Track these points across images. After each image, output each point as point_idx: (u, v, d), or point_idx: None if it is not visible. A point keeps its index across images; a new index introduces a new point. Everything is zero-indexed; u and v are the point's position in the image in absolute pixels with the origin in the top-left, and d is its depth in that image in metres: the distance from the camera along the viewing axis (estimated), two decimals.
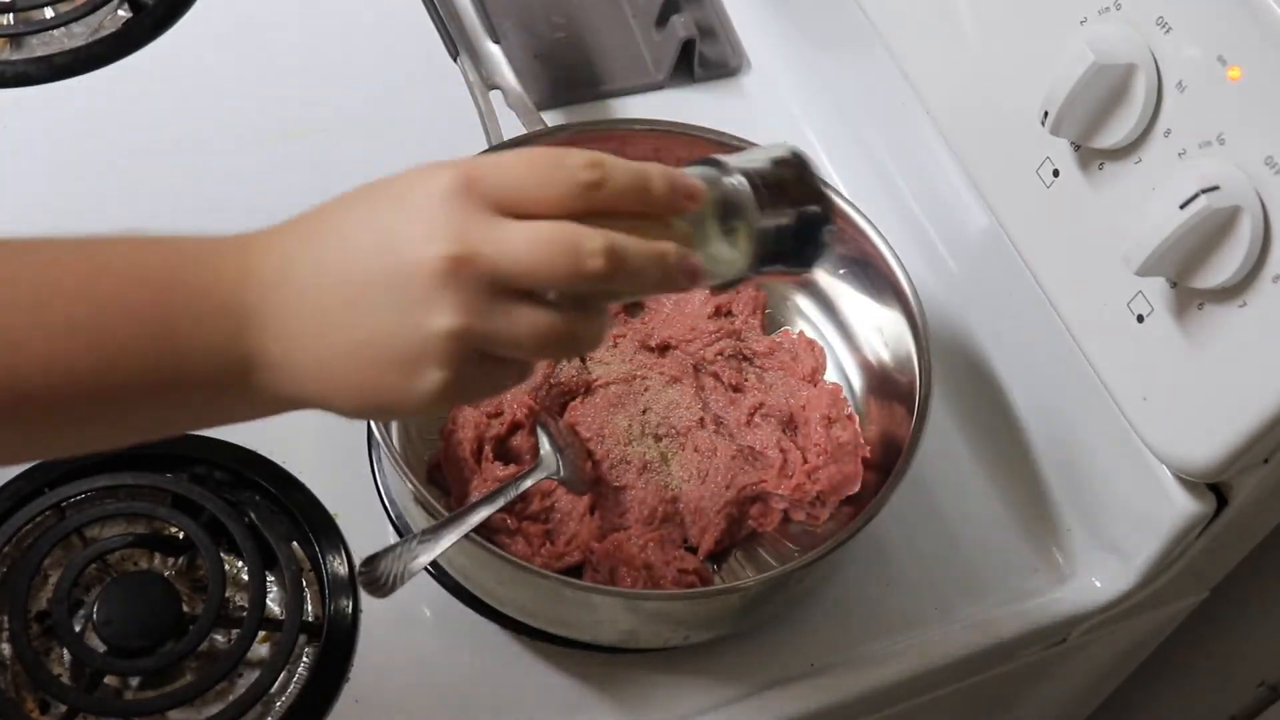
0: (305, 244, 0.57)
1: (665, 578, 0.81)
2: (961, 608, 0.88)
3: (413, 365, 0.55)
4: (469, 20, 1.00)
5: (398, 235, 0.55)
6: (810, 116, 1.07)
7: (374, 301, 0.54)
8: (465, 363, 0.55)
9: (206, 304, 0.55)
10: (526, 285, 0.55)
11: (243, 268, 0.56)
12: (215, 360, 0.55)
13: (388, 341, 0.55)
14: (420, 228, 0.54)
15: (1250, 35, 0.66)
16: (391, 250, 0.54)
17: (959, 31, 0.83)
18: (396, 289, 0.54)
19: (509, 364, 0.58)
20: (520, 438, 0.85)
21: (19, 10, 1.05)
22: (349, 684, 0.81)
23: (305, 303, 0.56)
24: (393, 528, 0.86)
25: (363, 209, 0.57)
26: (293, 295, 0.56)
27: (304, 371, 0.56)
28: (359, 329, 0.55)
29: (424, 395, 0.55)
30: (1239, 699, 1.11)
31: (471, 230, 0.54)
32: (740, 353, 0.91)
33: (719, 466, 0.85)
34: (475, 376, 0.56)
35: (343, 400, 0.57)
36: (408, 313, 0.54)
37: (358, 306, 0.55)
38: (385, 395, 0.56)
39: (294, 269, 0.56)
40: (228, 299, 0.55)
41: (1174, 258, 0.68)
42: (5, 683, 0.79)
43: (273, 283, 0.56)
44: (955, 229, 0.96)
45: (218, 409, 0.59)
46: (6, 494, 0.83)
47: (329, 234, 0.57)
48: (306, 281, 0.56)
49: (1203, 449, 0.73)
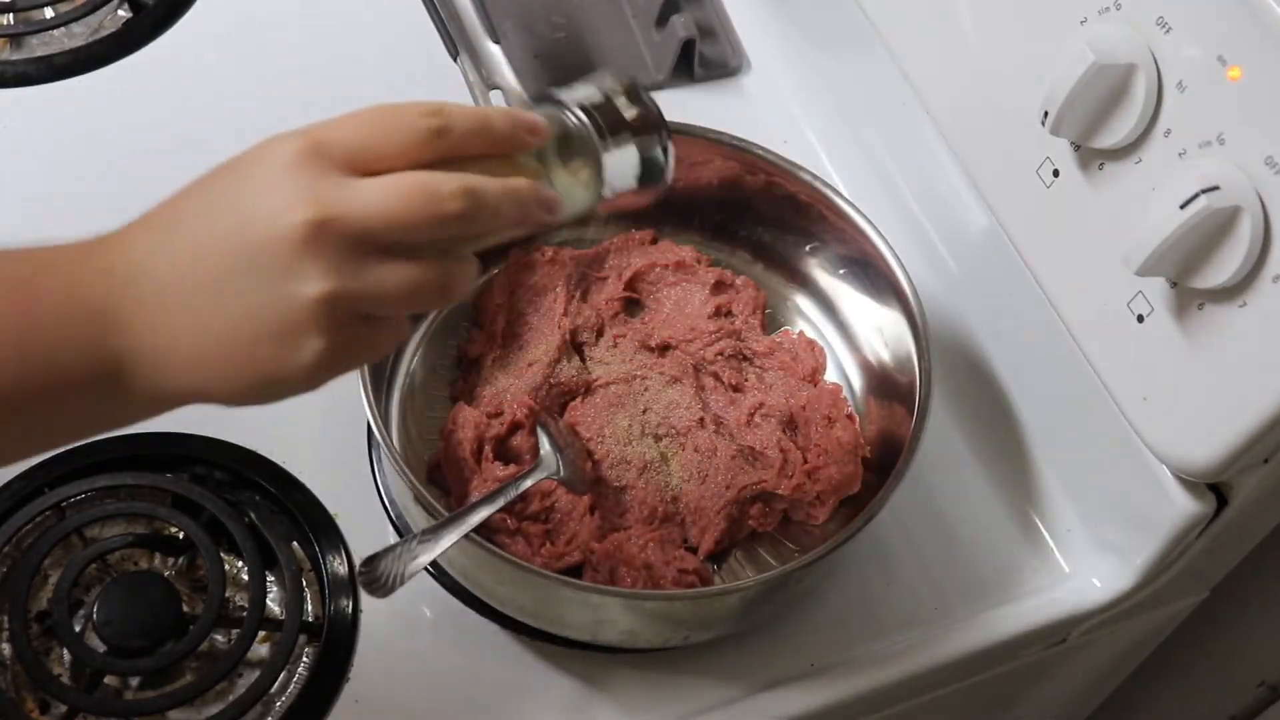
0: (161, 235, 0.56)
1: (665, 578, 0.81)
2: (961, 608, 0.88)
3: (289, 337, 0.54)
4: (469, 20, 1.00)
5: (253, 210, 0.54)
6: (810, 116, 1.07)
7: (239, 281, 0.54)
8: (341, 327, 0.55)
9: (69, 307, 0.55)
10: (389, 239, 0.55)
11: (101, 268, 0.55)
12: (85, 362, 0.55)
13: (260, 317, 0.54)
14: (274, 198, 0.54)
15: (1250, 35, 0.66)
16: (249, 225, 0.54)
17: (959, 31, 0.83)
18: (260, 264, 0.54)
19: (383, 323, 0.58)
20: (520, 438, 0.85)
21: (19, 10, 1.05)
22: (349, 684, 0.81)
23: (169, 293, 0.55)
24: (393, 528, 0.86)
25: (212, 191, 0.56)
26: (155, 287, 0.55)
27: (178, 363, 0.55)
28: (228, 310, 0.54)
29: (305, 366, 0.55)
30: (1239, 699, 1.11)
31: (326, 192, 0.54)
32: (740, 353, 0.91)
33: (719, 466, 0.85)
34: (352, 340, 0.56)
35: (222, 385, 0.56)
36: (276, 285, 0.54)
37: (223, 288, 0.54)
38: (265, 373, 0.55)
39: (152, 260, 0.55)
40: (89, 300, 0.55)
41: (1174, 258, 0.68)
42: (5, 683, 0.79)
43: (131, 277, 0.55)
44: (955, 229, 0.96)
45: (99, 414, 0.58)
46: (6, 494, 0.83)
47: (182, 221, 0.56)
48: (167, 272, 0.55)
49: (1203, 449, 0.73)
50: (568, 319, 0.90)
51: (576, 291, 0.92)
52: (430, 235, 0.56)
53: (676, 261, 0.93)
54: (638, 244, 0.95)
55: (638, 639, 0.82)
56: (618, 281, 0.93)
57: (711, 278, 0.93)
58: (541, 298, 0.91)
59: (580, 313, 0.91)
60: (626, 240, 0.94)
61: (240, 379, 0.56)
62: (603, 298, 0.93)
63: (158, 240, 0.56)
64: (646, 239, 0.95)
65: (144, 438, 0.86)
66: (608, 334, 0.91)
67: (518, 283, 0.92)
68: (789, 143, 0.99)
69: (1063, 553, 0.90)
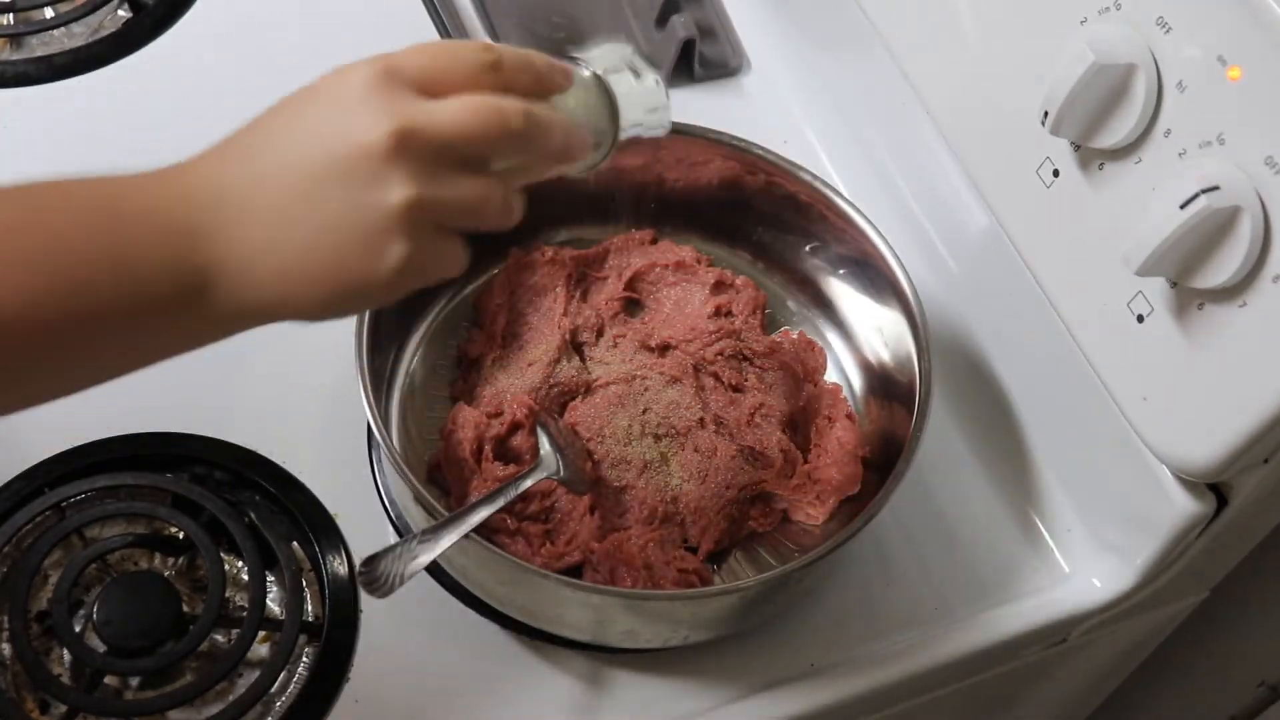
0: (239, 159, 0.59)
1: (665, 578, 0.81)
2: (961, 608, 0.88)
3: (375, 242, 0.58)
4: (469, 20, 1.00)
5: (336, 126, 0.58)
6: (810, 116, 1.07)
7: (325, 192, 0.57)
8: (420, 235, 0.58)
9: (155, 227, 0.57)
10: (465, 152, 0.59)
11: (180, 192, 0.58)
12: (171, 278, 0.57)
13: (345, 226, 0.57)
14: (358, 114, 0.58)
15: (1250, 35, 0.66)
16: (333, 140, 0.57)
17: (959, 31, 0.83)
18: (347, 174, 0.57)
19: (453, 239, 0.61)
20: (520, 438, 0.85)
21: (19, 10, 1.05)
22: (349, 684, 0.81)
23: (254, 209, 0.58)
24: (393, 528, 0.86)
25: (290, 115, 0.60)
26: (238, 205, 0.58)
27: (263, 275, 0.58)
28: (314, 221, 0.57)
29: (387, 272, 0.58)
30: (1239, 699, 1.11)
31: (407, 108, 0.58)
32: (740, 353, 0.91)
33: (719, 466, 0.85)
34: (429, 250, 0.59)
35: (305, 297, 0.59)
36: (362, 194, 0.57)
37: (309, 201, 0.57)
38: (348, 281, 0.58)
39: (233, 181, 0.58)
40: (173, 220, 0.57)
41: (1174, 258, 0.68)
42: (5, 683, 0.79)
43: (214, 199, 0.58)
44: (955, 229, 0.96)
45: (183, 332, 0.60)
46: (6, 494, 0.83)
47: (262, 145, 0.59)
48: (250, 190, 0.58)
49: (1203, 449, 0.73)
50: (568, 319, 0.90)
51: (576, 291, 0.92)
52: (498, 150, 0.61)
53: (676, 261, 0.93)
54: (638, 244, 0.95)
55: (638, 639, 0.82)
56: (618, 281, 0.93)
57: (711, 278, 0.93)
58: (541, 298, 0.91)
59: (580, 313, 0.91)
60: (626, 240, 0.95)
61: (323, 288, 0.59)
62: (603, 298, 0.93)
63: (237, 164, 0.59)
64: (646, 239, 0.95)
65: (144, 438, 0.86)
66: (608, 334, 0.91)
67: (518, 283, 0.92)
68: (789, 143, 0.99)
69: (1063, 553, 0.90)
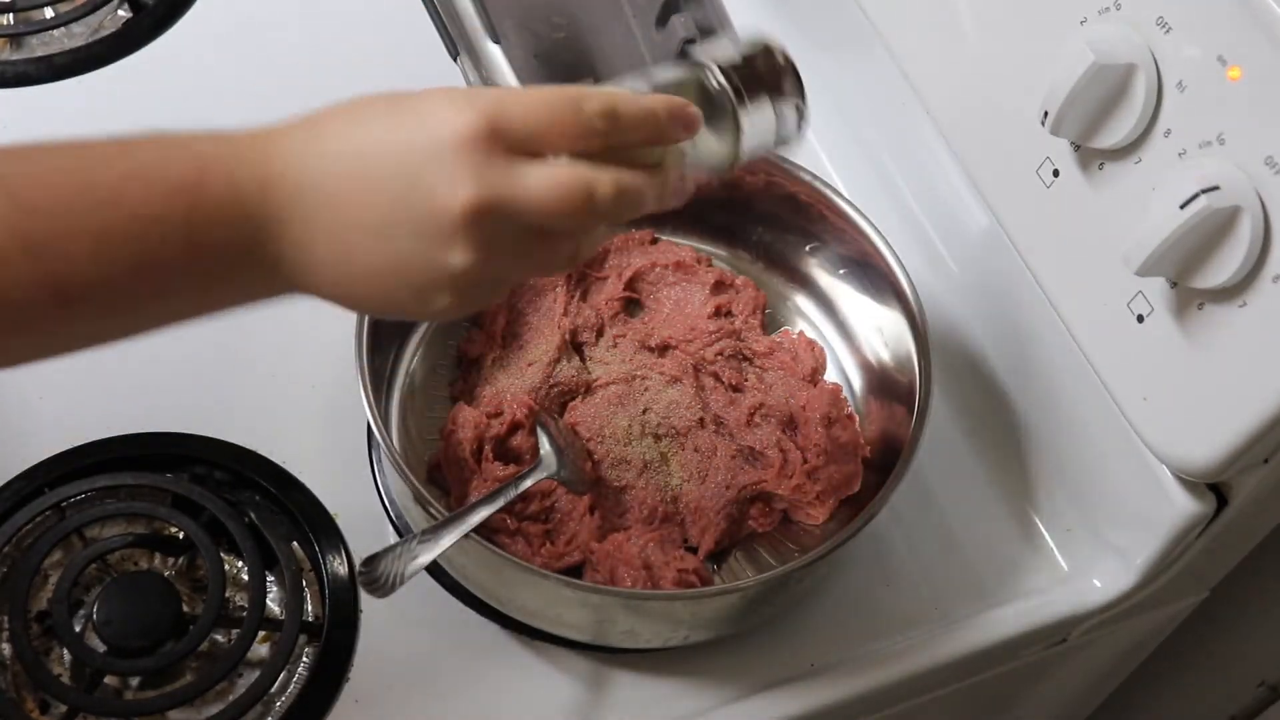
0: (320, 155, 0.60)
1: (665, 578, 0.81)
2: (961, 608, 0.88)
3: (428, 292, 0.61)
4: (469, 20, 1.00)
5: (423, 172, 0.59)
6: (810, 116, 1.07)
7: (395, 231, 0.59)
8: (474, 290, 0.61)
9: (231, 214, 0.58)
10: (541, 225, 0.60)
11: (263, 177, 0.59)
12: (242, 261, 0.59)
13: (407, 270, 0.60)
14: (447, 170, 0.58)
15: (1250, 35, 0.66)
16: (417, 186, 0.59)
17: (959, 31, 0.83)
18: (419, 224, 0.59)
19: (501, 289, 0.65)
20: (520, 438, 0.85)
21: (19, 10, 1.05)
22: (349, 684, 0.81)
23: (322, 222, 0.59)
24: (393, 528, 0.86)
25: (384, 130, 0.60)
26: (309, 213, 0.59)
27: (322, 278, 0.61)
28: (381, 255, 0.60)
29: (432, 314, 0.64)
30: (1239, 699, 1.11)
31: (496, 179, 0.59)
32: (740, 353, 0.91)
33: (719, 466, 0.85)
34: (475, 301, 0.63)
35: (354, 306, 0.65)
36: (429, 247, 0.59)
37: (378, 235, 0.59)
38: (395, 309, 0.63)
39: (312, 179, 0.59)
40: (247, 209, 0.59)
41: (1174, 258, 0.68)
42: (5, 683, 0.79)
43: (291, 196, 0.59)
44: (955, 229, 0.96)
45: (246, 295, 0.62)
46: (6, 494, 0.83)
47: (350, 155, 0.60)
48: (324, 198, 0.59)
49: (1203, 449, 0.73)
50: (568, 319, 0.90)
51: (576, 291, 0.92)
52: (578, 225, 0.62)
53: (676, 261, 0.93)
54: (637, 244, 0.95)
55: (638, 639, 0.82)
56: (618, 281, 0.93)
57: (711, 278, 0.93)
58: (541, 298, 0.91)
59: (580, 313, 0.91)
60: (626, 240, 0.95)
61: (371, 307, 0.66)
62: (603, 298, 0.93)
63: (317, 160, 0.60)
64: (646, 239, 0.95)
65: (144, 438, 0.86)
66: (608, 334, 0.91)
67: None
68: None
69: (1063, 553, 0.90)
